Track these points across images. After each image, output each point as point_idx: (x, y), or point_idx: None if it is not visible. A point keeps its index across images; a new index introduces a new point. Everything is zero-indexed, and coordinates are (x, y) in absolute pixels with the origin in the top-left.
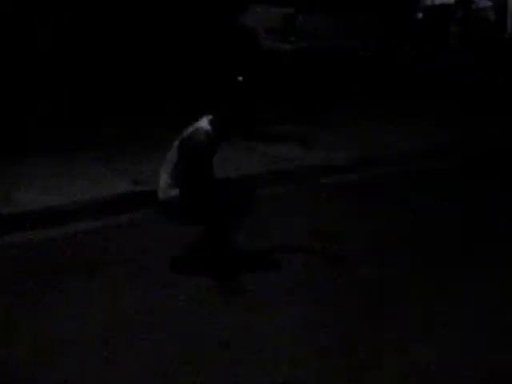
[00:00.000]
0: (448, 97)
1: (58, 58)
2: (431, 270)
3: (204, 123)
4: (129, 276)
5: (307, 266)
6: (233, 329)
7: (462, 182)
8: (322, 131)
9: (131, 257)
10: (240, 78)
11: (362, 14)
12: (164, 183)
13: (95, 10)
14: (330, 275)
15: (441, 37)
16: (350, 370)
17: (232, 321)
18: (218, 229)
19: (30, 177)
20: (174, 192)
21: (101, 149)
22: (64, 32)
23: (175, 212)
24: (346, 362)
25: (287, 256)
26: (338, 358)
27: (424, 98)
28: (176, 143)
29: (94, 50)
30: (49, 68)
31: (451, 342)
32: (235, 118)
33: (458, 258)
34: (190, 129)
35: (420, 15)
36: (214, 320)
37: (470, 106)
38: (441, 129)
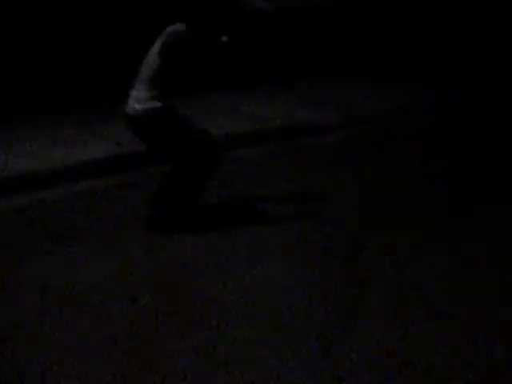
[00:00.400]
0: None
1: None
2: (419, 226)
3: (180, 26)
4: (110, 239)
5: (294, 224)
6: (216, 287)
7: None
8: (304, 92)
9: (115, 219)
10: (225, 38)
11: None
12: (143, 93)
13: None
14: (317, 234)
15: None
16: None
17: (213, 278)
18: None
19: (12, 141)
20: (155, 103)
21: (78, 113)
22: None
23: (148, 126)
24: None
25: (273, 214)
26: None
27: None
28: (156, 48)
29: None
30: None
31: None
32: (209, 27)
33: (446, 218)
34: (167, 32)
35: None
36: (194, 277)
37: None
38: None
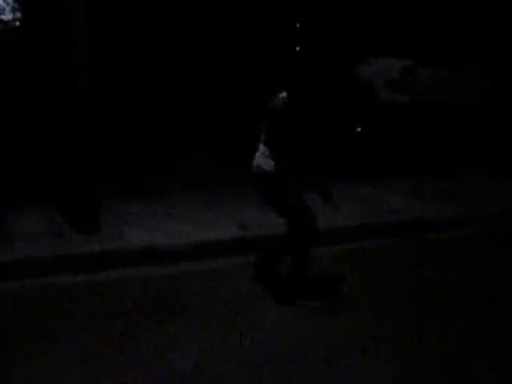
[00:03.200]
0: None
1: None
2: None
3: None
4: (222, 316)
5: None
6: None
7: None
8: (431, 183)
9: (224, 301)
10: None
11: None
12: (261, 152)
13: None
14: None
15: None
16: None
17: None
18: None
19: (138, 216)
20: (268, 165)
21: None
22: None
23: (259, 184)
24: None
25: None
26: None
27: None
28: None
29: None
30: None
31: None
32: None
33: None
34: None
35: None
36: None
37: None
38: None
